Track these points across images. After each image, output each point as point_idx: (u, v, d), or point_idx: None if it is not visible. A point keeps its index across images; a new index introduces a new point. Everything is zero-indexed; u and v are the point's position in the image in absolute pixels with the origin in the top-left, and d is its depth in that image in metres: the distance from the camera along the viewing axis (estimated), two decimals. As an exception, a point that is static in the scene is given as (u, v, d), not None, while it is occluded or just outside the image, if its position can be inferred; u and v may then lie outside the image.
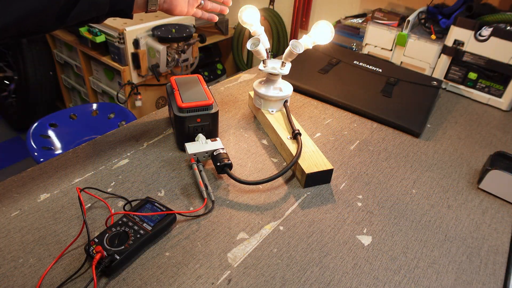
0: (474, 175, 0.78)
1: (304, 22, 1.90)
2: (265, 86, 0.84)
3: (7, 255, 0.54)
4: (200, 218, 0.62)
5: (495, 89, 1.04)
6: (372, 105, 0.95)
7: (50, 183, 0.67)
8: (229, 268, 0.55)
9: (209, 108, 0.73)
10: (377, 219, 0.65)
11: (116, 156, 0.75)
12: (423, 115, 0.92)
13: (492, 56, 1.01)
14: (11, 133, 2.31)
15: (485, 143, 0.89)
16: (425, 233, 0.63)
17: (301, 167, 0.70)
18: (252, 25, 0.83)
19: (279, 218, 0.64)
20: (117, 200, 0.64)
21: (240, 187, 0.69)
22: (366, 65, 1.12)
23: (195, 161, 0.70)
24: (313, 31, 0.78)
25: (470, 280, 0.56)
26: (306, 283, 0.54)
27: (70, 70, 2.12)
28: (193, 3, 0.68)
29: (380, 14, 1.24)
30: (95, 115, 1.53)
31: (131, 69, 1.66)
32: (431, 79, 1.06)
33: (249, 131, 0.85)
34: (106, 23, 1.61)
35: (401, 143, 0.86)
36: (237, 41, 2.13)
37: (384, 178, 0.75)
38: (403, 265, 0.57)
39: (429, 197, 0.71)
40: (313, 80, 1.04)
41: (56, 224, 0.59)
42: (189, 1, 0.67)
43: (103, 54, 1.72)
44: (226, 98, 0.98)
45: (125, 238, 0.54)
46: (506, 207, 0.70)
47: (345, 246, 0.60)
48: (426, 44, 1.11)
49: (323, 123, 0.91)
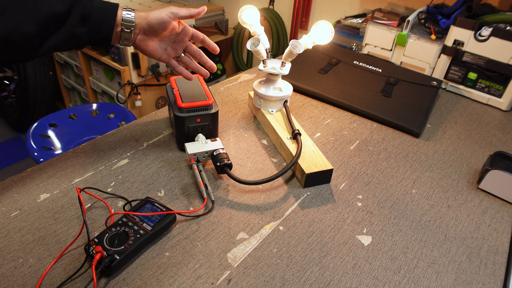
0: (474, 175, 0.78)
1: (304, 22, 1.90)
2: (265, 86, 0.84)
3: (7, 255, 0.54)
4: (200, 218, 0.62)
5: (495, 89, 1.04)
6: (372, 105, 0.95)
7: (50, 183, 0.67)
8: (229, 268, 0.55)
9: (209, 108, 0.73)
10: (377, 219, 0.65)
11: (116, 156, 0.75)
12: (423, 115, 0.92)
13: (492, 56, 1.01)
14: (11, 133, 2.31)
15: (485, 143, 0.89)
16: (425, 233, 0.63)
17: (301, 167, 0.70)
18: (252, 25, 0.83)
19: (279, 218, 0.64)
20: (117, 200, 0.64)
21: (240, 187, 0.69)
22: (366, 65, 1.12)
23: (195, 161, 0.70)
24: (313, 31, 0.78)
25: (470, 280, 0.56)
26: (306, 283, 0.54)
27: (70, 70, 2.12)
28: (171, 52, 0.66)
29: (380, 14, 1.25)
30: (95, 115, 1.53)
31: (131, 69, 1.66)
32: (431, 79, 1.06)
33: (249, 131, 0.85)
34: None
35: (401, 143, 0.86)
36: (237, 41, 2.13)
37: (384, 178, 0.75)
38: (403, 265, 0.57)
39: (429, 197, 0.71)
40: (313, 80, 1.04)
41: (56, 224, 0.59)
42: (166, 49, 0.65)
43: (103, 54, 1.73)
44: (226, 98, 0.98)
45: (125, 238, 0.54)
46: (506, 207, 0.71)
47: (345, 246, 0.60)
48: (426, 44, 1.11)
49: (323, 123, 0.91)
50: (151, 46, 0.63)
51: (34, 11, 0.50)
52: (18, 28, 0.49)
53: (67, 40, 0.55)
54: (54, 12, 0.52)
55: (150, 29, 0.61)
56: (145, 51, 0.64)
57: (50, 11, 0.52)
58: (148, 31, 0.61)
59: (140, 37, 0.61)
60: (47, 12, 0.51)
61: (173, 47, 0.66)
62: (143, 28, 0.61)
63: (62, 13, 0.53)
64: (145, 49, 0.63)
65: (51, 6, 0.52)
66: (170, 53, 0.65)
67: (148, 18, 0.60)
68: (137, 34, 0.61)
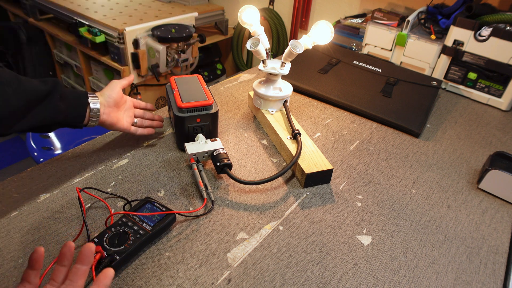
0: (474, 175, 0.78)
1: (304, 22, 1.90)
2: (265, 86, 0.84)
3: (7, 255, 0.54)
4: (200, 218, 0.62)
5: (494, 89, 1.04)
6: (371, 105, 0.95)
7: (50, 183, 0.67)
8: (228, 268, 0.55)
9: (208, 108, 0.73)
10: (377, 219, 0.65)
11: (115, 156, 0.75)
12: (422, 115, 0.92)
13: (491, 56, 1.01)
14: (11, 133, 2.31)
15: (484, 143, 0.89)
16: (425, 233, 0.63)
17: (301, 167, 0.70)
18: (252, 25, 0.83)
19: (279, 218, 0.64)
20: (116, 200, 0.64)
21: (240, 187, 0.69)
22: (365, 65, 1.12)
23: (194, 161, 0.70)
24: (312, 31, 0.78)
25: (469, 280, 0.56)
26: (306, 283, 0.54)
27: (69, 70, 2.12)
28: (129, 120, 0.74)
29: (379, 14, 1.25)
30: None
31: (131, 69, 1.66)
32: (430, 79, 1.06)
33: (249, 131, 0.85)
34: (106, 23, 1.61)
35: (401, 143, 0.86)
36: (237, 41, 2.13)
37: (384, 178, 0.75)
38: (402, 265, 0.58)
39: (428, 197, 0.71)
40: (313, 80, 1.04)
41: (56, 224, 0.59)
42: (125, 118, 0.73)
43: (103, 54, 1.73)
44: (226, 98, 0.98)
45: (125, 238, 0.54)
46: (505, 207, 0.71)
47: (344, 246, 0.60)
48: (425, 44, 1.11)
49: (323, 123, 0.91)
50: (116, 117, 0.70)
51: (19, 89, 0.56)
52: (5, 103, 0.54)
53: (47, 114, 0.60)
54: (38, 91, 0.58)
55: (111, 101, 0.69)
56: (111, 123, 0.70)
57: (34, 89, 0.58)
58: (110, 103, 0.69)
59: (106, 110, 0.68)
60: (31, 90, 0.57)
61: (128, 115, 0.74)
62: (106, 102, 0.69)
63: (44, 91, 0.59)
64: (111, 120, 0.69)
65: (34, 86, 0.58)
66: (129, 120, 0.73)
67: (105, 93, 0.70)
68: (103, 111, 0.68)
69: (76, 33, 1.70)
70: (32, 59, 2.04)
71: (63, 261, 0.44)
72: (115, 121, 0.70)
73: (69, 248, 0.44)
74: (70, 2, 1.86)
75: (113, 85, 0.72)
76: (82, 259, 0.43)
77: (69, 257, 0.44)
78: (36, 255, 0.43)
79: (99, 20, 1.65)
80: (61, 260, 0.44)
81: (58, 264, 0.44)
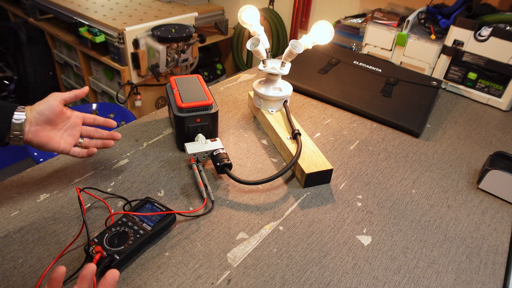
0: (474, 175, 0.78)
1: (304, 22, 1.90)
2: (264, 86, 0.84)
3: (6, 255, 0.54)
4: (199, 218, 0.62)
5: (494, 89, 1.04)
6: (371, 105, 0.95)
7: (49, 183, 0.67)
8: (228, 268, 0.55)
9: (208, 108, 0.73)
10: (377, 219, 0.65)
11: (115, 156, 0.75)
12: (422, 115, 0.92)
13: (491, 56, 1.01)
14: (10, 133, 2.31)
15: (484, 143, 0.89)
16: (425, 233, 0.63)
17: (301, 167, 0.70)
18: (252, 25, 0.83)
19: (279, 218, 0.64)
20: (116, 200, 0.64)
21: (239, 187, 0.69)
22: (365, 65, 1.12)
23: (194, 161, 0.70)
24: (312, 31, 0.78)
25: (469, 280, 0.56)
26: (306, 283, 0.54)
27: (69, 70, 2.12)
28: (69, 140, 0.64)
29: (379, 14, 1.25)
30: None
31: (131, 69, 1.66)
32: (430, 79, 1.06)
33: (249, 131, 0.85)
34: (106, 23, 1.61)
35: (401, 143, 0.86)
36: (236, 41, 2.13)
37: (384, 178, 0.75)
38: (402, 265, 0.57)
39: (428, 197, 0.71)
40: (313, 80, 1.04)
41: (56, 224, 0.59)
42: (63, 137, 0.63)
43: (103, 54, 1.72)
44: (226, 98, 0.98)
45: (125, 238, 0.54)
46: (505, 207, 0.71)
47: (344, 246, 0.60)
48: (425, 44, 1.11)
49: (323, 123, 0.91)
50: (47, 136, 0.61)
51: None
52: None
53: None
54: None
55: (41, 118, 0.60)
56: (39, 143, 0.61)
57: None
58: (40, 120, 0.60)
59: (33, 128, 0.59)
60: None
61: (70, 134, 0.64)
62: (35, 119, 0.60)
63: None
64: (39, 140, 0.60)
65: None
66: (69, 141, 0.64)
67: (36, 108, 0.60)
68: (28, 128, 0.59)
69: (76, 33, 1.70)
70: (32, 59, 2.04)
71: (53, 286, 0.42)
72: (45, 141, 0.61)
73: (60, 274, 0.42)
74: (70, 2, 1.86)
75: (50, 98, 0.61)
76: (82, 282, 0.42)
77: (60, 281, 0.43)
78: (56, 274, 0.42)
79: (99, 20, 1.65)
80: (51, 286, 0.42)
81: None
